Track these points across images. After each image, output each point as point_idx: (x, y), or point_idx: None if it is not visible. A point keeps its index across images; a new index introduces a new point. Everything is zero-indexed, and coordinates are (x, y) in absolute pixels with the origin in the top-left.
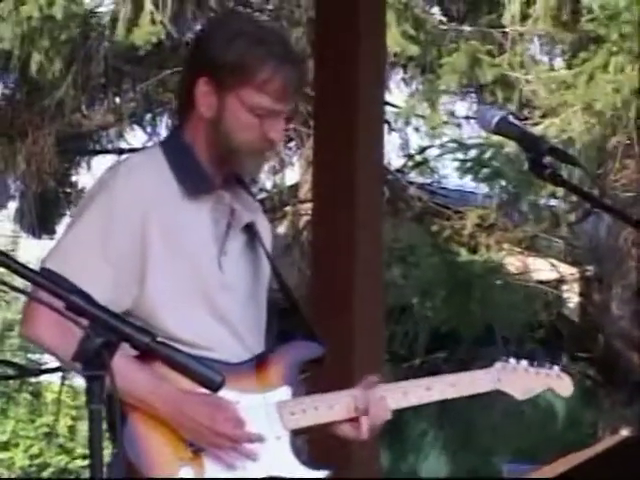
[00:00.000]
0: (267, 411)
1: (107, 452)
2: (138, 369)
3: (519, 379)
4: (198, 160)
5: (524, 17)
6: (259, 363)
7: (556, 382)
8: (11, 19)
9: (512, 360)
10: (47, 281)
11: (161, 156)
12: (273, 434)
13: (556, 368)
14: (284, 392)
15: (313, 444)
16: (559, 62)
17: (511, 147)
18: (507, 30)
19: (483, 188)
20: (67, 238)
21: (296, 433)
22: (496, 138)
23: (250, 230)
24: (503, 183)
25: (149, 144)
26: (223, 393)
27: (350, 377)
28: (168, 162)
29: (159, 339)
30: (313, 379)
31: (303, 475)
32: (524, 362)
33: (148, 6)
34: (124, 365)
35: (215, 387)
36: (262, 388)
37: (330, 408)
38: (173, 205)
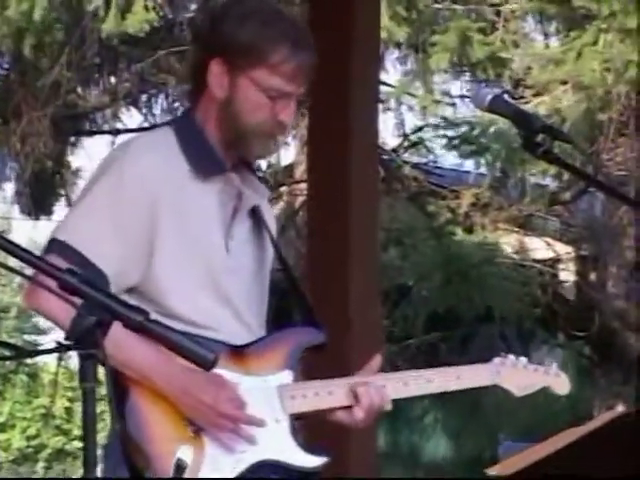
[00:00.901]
0: (267, 394)
1: (102, 435)
2: (143, 346)
3: (518, 375)
4: (209, 141)
5: None
6: (261, 346)
7: (553, 380)
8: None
9: (511, 356)
10: (39, 260)
11: (172, 136)
12: (273, 417)
13: (554, 366)
14: (285, 376)
15: (309, 427)
16: (550, 40)
17: (503, 124)
18: (499, 8)
19: (477, 166)
20: (77, 211)
21: (295, 418)
22: (487, 116)
23: (256, 214)
24: (490, 159)
25: (145, 125)
26: (224, 374)
27: (346, 360)
28: (179, 142)
29: (152, 317)
30: (308, 359)
31: (301, 459)
32: (523, 359)
33: None
34: (129, 341)
35: (208, 365)
36: (264, 371)
37: (330, 394)
38: (182, 185)
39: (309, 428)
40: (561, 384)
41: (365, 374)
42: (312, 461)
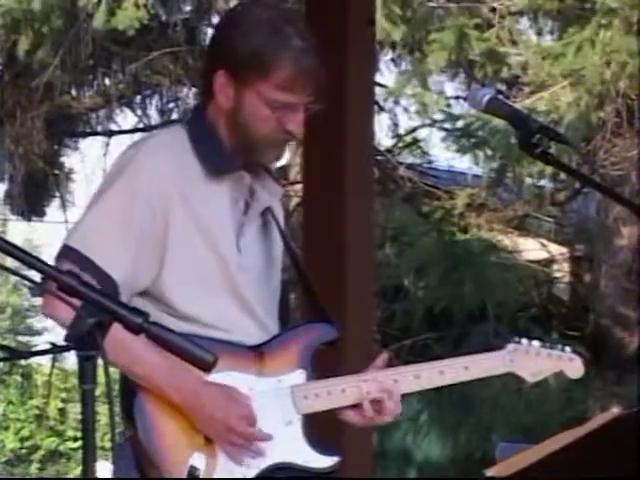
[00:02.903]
0: (280, 396)
1: (98, 435)
2: (158, 356)
3: (530, 361)
4: (221, 140)
5: None
6: (274, 346)
7: (567, 364)
8: None
9: (524, 341)
10: (38, 262)
11: (184, 135)
12: (285, 419)
13: (568, 350)
14: (298, 376)
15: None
16: (548, 36)
17: (500, 121)
18: (495, 5)
19: (472, 167)
20: (89, 216)
21: (308, 417)
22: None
23: (267, 213)
24: (489, 153)
25: (139, 126)
26: (237, 378)
27: (341, 359)
28: (191, 141)
29: (151, 319)
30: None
31: (315, 460)
32: (536, 343)
33: None
34: (144, 351)
35: (207, 367)
36: (277, 371)
37: (342, 392)
38: (195, 185)
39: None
40: (575, 368)
41: (376, 369)
42: (326, 461)
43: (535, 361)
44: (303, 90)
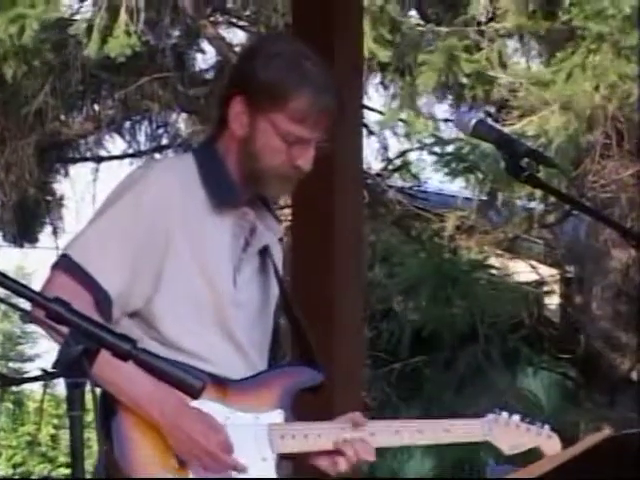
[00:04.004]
0: (257, 432)
1: (89, 462)
2: (143, 375)
3: (509, 434)
4: (229, 173)
5: (495, 12)
6: (257, 382)
7: (545, 441)
8: None
9: (504, 413)
10: (26, 290)
11: (192, 164)
12: (260, 455)
13: (547, 427)
14: (277, 415)
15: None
16: (537, 58)
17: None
18: (483, 28)
19: (462, 190)
20: (91, 229)
21: (281, 457)
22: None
23: (265, 252)
24: (480, 177)
25: (129, 151)
26: (215, 408)
27: (328, 386)
28: (199, 171)
29: (140, 346)
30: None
31: None
32: (516, 417)
33: (123, 17)
34: (129, 370)
35: (195, 393)
36: (256, 408)
37: (319, 437)
38: (198, 215)
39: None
40: (552, 446)
41: (353, 423)
42: None
43: (514, 434)
44: (317, 126)
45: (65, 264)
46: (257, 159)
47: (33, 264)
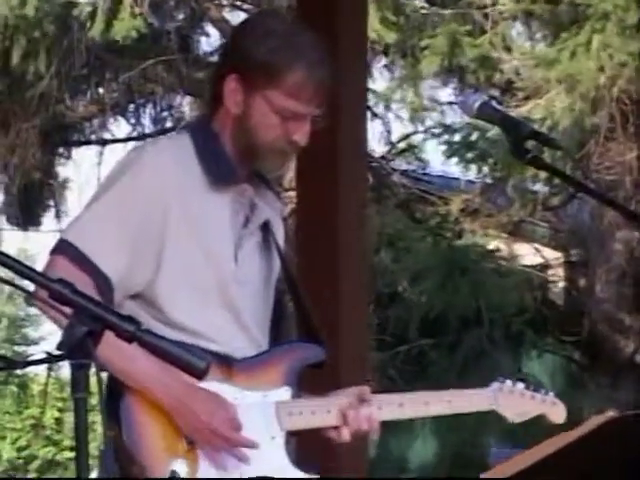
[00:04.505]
0: (265, 410)
1: (93, 445)
2: (146, 356)
3: (514, 402)
4: (225, 151)
5: None
6: (263, 361)
7: (550, 408)
8: None
9: (508, 382)
10: (30, 271)
11: (189, 143)
12: (268, 434)
13: (551, 395)
14: (284, 392)
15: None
16: (541, 41)
17: (496, 130)
18: (487, 11)
19: (467, 173)
20: (89, 213)
21: (290, 434)
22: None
23: (266, 228)
24: (491, 163)
25: (133, 135)
26: (223, 388)
27: (334, 365)
28: (195, 149)
29: (144, 327)
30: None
31: (294, 476)
32: (520, 384)
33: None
34: (133, 351)
35: (199, 373)
36: (263, 386)
37: (327, 413)
38: (196, 194)
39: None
40: (557, 413)
41: (358, 397)
42: (305, 477)
43: (518, 402)
44: (312, 101)
45: (64, 249)
46: (253, 135)
47: (36, 247)
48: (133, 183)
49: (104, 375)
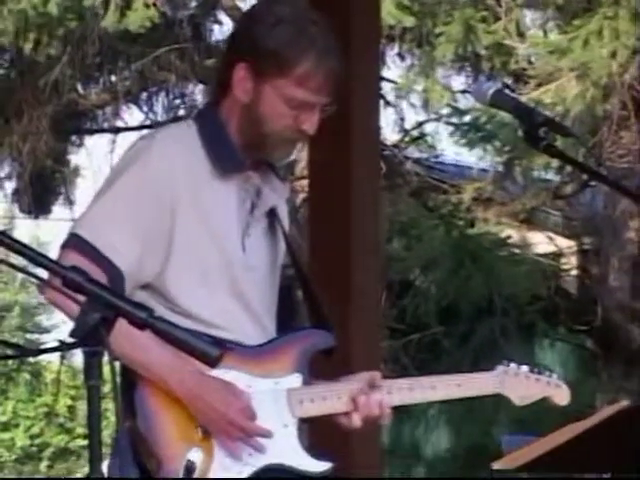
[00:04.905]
0: (276, 397)
1: (106, 433)
2: (160, 346)
3: (520, 384)
4: (231, 139)
5: None
6: (273, 348)
7: (554, 391)
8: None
9: (513, 364)
10: (43, 258)
11: (195, 131)
12: (281, 421)
13: (555, 377)
14: (295, 379)
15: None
16: (555, 29)
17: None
18: None
19: (479, 161)
20: (98, 205)
21: (302, 421)
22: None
23: (272, 214)
24: (497, 146)
25: (146, 123)
26: (236, 376)
27: (345, 354)
28: (201, 138)
29: (156, 314)
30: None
31: (307, 464)
32: (525, 367)
33: None
34: (148, 341)
35: (213, 361)
36: (274, 373)
37: (338, 399)
38: (203, 183)
39: (312, 424)
40: (562, 395)
41: (369, 383)
42: (317, 466)
43: (523, 385)
44: (322, 90)
45: (75, 243)
46: (261, 124)
47: (48, 235)
48: (141, 173)
49: (117, 364)
